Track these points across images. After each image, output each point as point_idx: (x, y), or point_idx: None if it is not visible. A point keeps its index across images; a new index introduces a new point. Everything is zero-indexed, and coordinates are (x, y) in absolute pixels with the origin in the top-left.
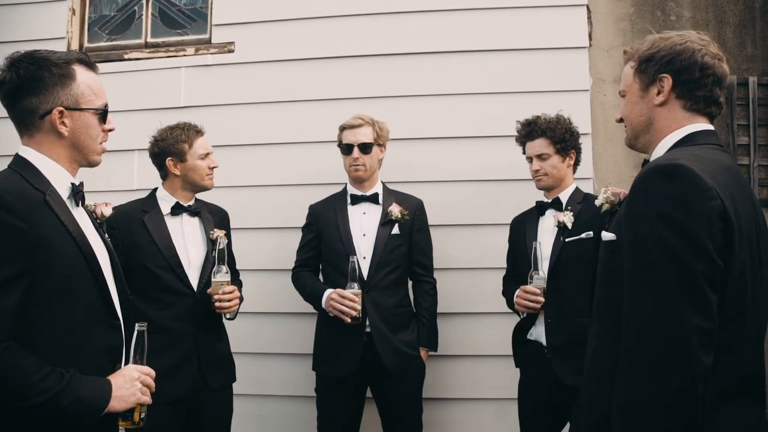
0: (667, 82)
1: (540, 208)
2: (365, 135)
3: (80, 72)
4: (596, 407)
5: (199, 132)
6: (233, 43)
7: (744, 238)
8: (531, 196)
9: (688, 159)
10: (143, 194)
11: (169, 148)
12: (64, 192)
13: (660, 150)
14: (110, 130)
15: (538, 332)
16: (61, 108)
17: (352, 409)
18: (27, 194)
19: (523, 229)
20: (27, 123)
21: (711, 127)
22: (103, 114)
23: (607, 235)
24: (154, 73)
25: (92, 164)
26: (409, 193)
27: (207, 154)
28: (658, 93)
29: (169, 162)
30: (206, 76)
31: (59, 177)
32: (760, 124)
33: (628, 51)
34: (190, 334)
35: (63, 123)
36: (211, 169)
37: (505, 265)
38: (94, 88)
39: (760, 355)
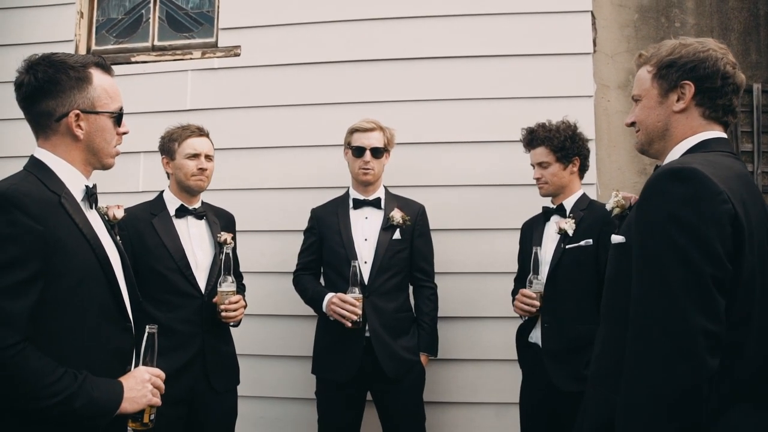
0: (689, 89)
1: (546, 214)
2: (377, 140)
3: (97, 75)
4: (599, 411)
5: (195, 132)
6: (239, 46)
7: (755, 244)
8: (534, 201)
9: (700, 163)
10: (149, 196)
11: (163, 147)
12: (78, 194)
13: (673, 156)
14: (125, 133)
15: (538, 335)
16: (78, 111)
17: (351, 413)
18: (43, 196)
19: (530, 233)
20: (43, 125)
21: (724, 135)
22: (118, 117)
23: (616, 238)
24: (161, 76)
25: (106, 167)
26: (412, 196)
27: (196, 155)
28: (678, 100)
29: (163, 160)
30: (212, 80)
31: (73, 179)
32: (764, 131)
33: (643, 54)
34: (197, 336)
35: (79, 126)
36: (200, 170)
37: (508, 269)
38: (110, 91)
39: None
